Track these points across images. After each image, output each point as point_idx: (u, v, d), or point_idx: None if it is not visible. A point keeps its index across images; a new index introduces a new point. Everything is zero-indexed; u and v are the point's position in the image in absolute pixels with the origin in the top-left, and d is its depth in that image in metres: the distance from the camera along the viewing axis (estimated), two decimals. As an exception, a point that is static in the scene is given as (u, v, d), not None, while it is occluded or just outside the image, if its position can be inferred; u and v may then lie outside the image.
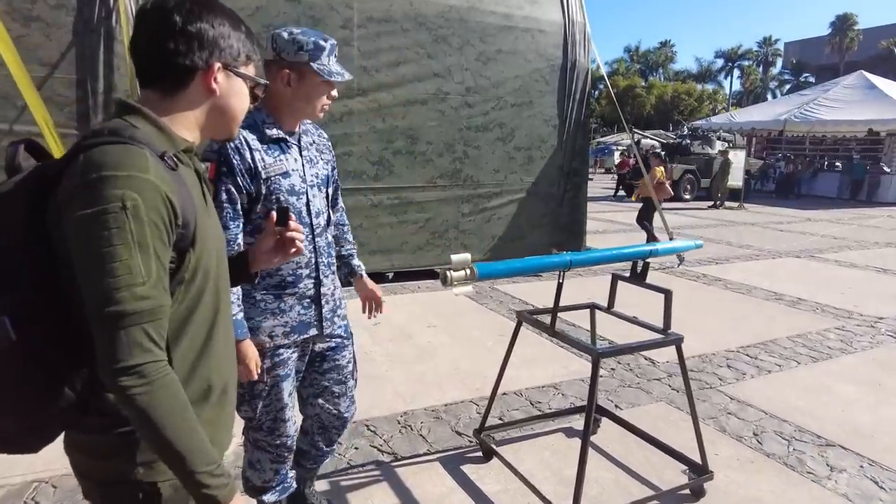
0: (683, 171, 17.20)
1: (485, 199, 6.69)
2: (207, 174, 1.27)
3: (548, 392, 3.63)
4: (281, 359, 1.87)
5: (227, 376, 1.14)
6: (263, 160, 1.72)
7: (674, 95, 48.49)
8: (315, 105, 1.77)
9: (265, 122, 1.76)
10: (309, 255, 1.85)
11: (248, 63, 1.10)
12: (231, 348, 1.18)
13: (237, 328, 1.67)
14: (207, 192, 1.14)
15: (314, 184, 1.86)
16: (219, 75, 1.05)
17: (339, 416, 2.11)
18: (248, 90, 1.12)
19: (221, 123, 1.11)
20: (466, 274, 2.12)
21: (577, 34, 6.98)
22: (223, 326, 1.12)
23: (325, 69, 1.73)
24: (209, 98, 1.06)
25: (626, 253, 2.52)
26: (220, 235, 1.16)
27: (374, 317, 2.18)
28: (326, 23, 5.63)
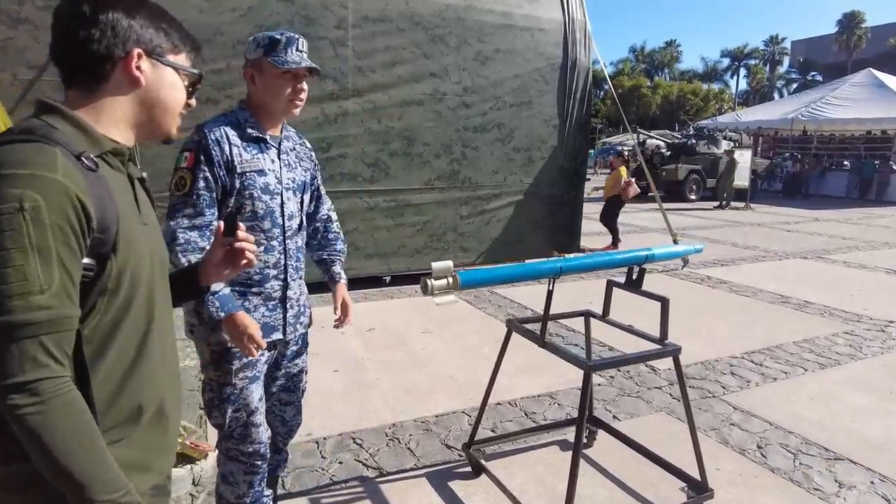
0: (689, 171, 17.01)
1: (483, 200, 6.56)
2: (143, 179, 1.15)
3: (543, 402, 3.50)
4: (251, 360, 1.82)
5: (163, 395, 1.06)
6: (241, 155, 1.74)
7: (679, 95, 48.17)
8: (281, 99, 1.77)
9: (247, 122, 1.79)
10: (278, 255, 1.83)
11: (177, 53, 1.05)
12: (172, 365, 1.11)
13: (226, 303, 1.65)
14: (144, 200, 1.07)
15: (290, 187, 1.85)
16: (142, 64, 0.99)
17: (285, 423, 2.10)
18: (181, 81, 1.06)
19: (154, 118, 1.04)
20: (448, 282, 2.00)
21: (577, 32, 6.85)
22: (160, 340, 1.05)
23: (279, 59, 1.73)
24: (134, 89, 1.00)
25: (619, 259, 2.39)
26: (158, 246, 1.09)
27: (340, 326, 2.10)
28: (321, 22, 5.53)
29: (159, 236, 1.13)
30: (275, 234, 1.81)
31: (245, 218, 1.74)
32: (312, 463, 2.77)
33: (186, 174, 1.68)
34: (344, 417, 3.24)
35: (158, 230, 1.13)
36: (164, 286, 1.10)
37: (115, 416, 0.96)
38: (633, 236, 10.42)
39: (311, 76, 1.82)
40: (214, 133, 1.71)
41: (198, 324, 1.79)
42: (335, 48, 5.61)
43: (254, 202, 1.75)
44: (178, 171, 1.70)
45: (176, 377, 1.14)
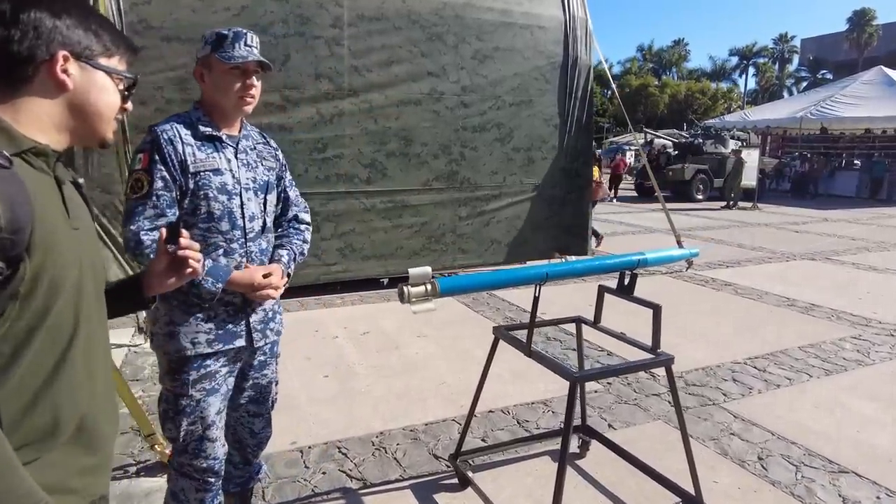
0: (695, 170, 16.84)
1: (483, 201, 6.45)
2: (79, 185, 1.09)
3: (537, 410, 3.39)
4: (209, 371, 1.74)
5: (86, 411, 0.97)
6: (194, 154, 1.69)
7: (687, 94, 47.85)
8: (231, 96, 1.70)
9: (200, 120, 1.74)
10: (239, 259, 1.76)
11: (110, 55, 1.01)
12: (103, 380, 1.02)
13: (219, 271, 1.65)
14: (79, 204, 1.01)
15: (249, 187, 1.78)
16: (70, 67, 0.95)
17: (253, 435, 2.01)
18: (113, 85, 1.02)
19: (86, 123, 1.00)
20: (427, 289, 1.91)
21: (578, 30, 6.72)
22: (86, 352, 0.97)
23: (226, 55, 1.68)
24: (61, 93, 0.95)
25: (609, 263, 2.29)
26: (92, 253, 1.03)
27: (270, 297, 1.79)
28: (316, 21, 5.44)
29: (94, 244, 1.06)
30: (235, 235, 1.74)
31: (201, 219, 1.69)
32: (295, 473, 2.69)
33: (143, 175, 1.62)
34: (331, 425, 3.16)
35: (95, 238, 1.07)
36: (96, 296, 1.03)
37: (28, 432, 0.89)
38: (638, 237, 10.30)
39: (262, 72, 1.75)
40: (167, 132, 1.66)
41: (157, 331, 1.72)
42: (331, 47, 5.52)
43: (209, 202, 1.69)
44: (134, 173, 1.64)
45: (109, 392, 1.07)
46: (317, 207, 5.60)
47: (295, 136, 5.45)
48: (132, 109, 1.10)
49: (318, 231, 5.67)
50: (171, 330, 1.70)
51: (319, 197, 5.61)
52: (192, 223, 1.67)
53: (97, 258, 1.06)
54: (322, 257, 5.69)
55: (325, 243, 5.69)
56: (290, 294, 5.57)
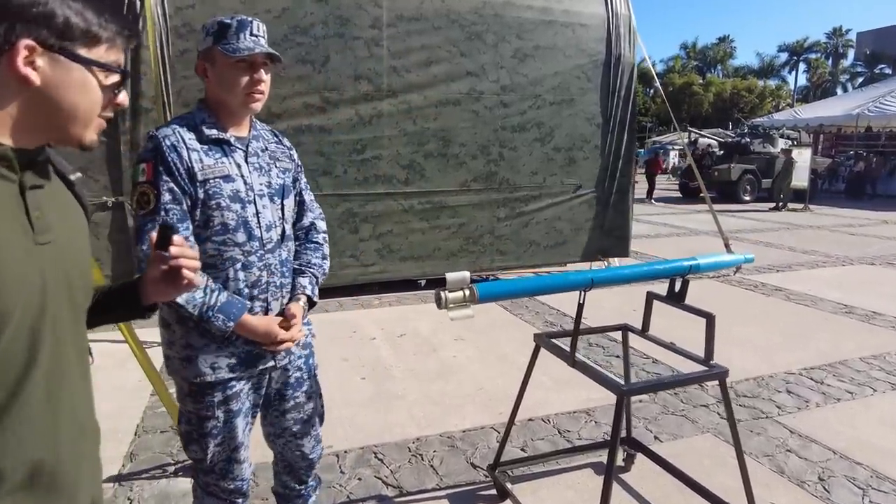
0: (742, 170, 16.29)
1: (522, 202, 6.34)
2: (70, 182, 0.97)
3: (579, 419, 3.27)
4: (233, 391, 1.64)
5: (44, 453, 0.82)
6: (202, 160, 1.54)
7: (733, 93, 46.34)
8: (237, 93, 1.56)
9: (205, 122, 1.59)
10: (258, 273, 1.62)
11: (93, 44, 0.81)
12: (75, 415, 0.87)
13: (231, 308, 1.52)
14: (65, 208, 0.89)
15: (264, 193, 1.63)
16: (38, 59, 0.77)
17: (305, 457, 1.88)
18: (95, 81, 0.83)
19: (57, 125, 0.83)
20: (465, 295, 1.83)
21: (621, 27, 6.54)
22: (48, 386, 0.82)
23: (230, 47, 1.52)
24: (26, 89, 0.78)
25: (659, 270, 2.17)
26: (67, 269, 0.87)
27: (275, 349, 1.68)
28: (355, 22, 5.44)
29: (76, 255, 0.91)
30: (252, 247, 1.59)
31: (215, 231, 1.55)
32: (331, 478, 2.65)
33: (148, 189, 1.48)
34: (367, 429, 3.12)
35: (78, 247, 0.92)
36: (73, 317, 0.88)
37: None
38: (683, 239, 9.98)
39: (272, 64, 1.60)
40: (169, 138, 1.51)
41: (172, 355, 1.62)
42: (370, 48, 5.51)
43: (222, 212, 1.54)
44: (138, 186, 1.50)
45: (85, 431, 0.91)
46: (355, 208, 5.60)
47: (334, 138, 5.46)
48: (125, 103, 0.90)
49: (356, 232, 5.68)
50: (188, 354, 1.58)
51: (358, 198, 5.61)
52: (206, 236, 1.55)
53: (77, 271, 0.90)
54: (360, 258, 5.69)
55: (363, 244, 5.68)
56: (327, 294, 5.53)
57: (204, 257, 1.53)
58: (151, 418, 3.19)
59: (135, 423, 3.13)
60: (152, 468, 2.72)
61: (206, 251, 1.54)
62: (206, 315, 1.50)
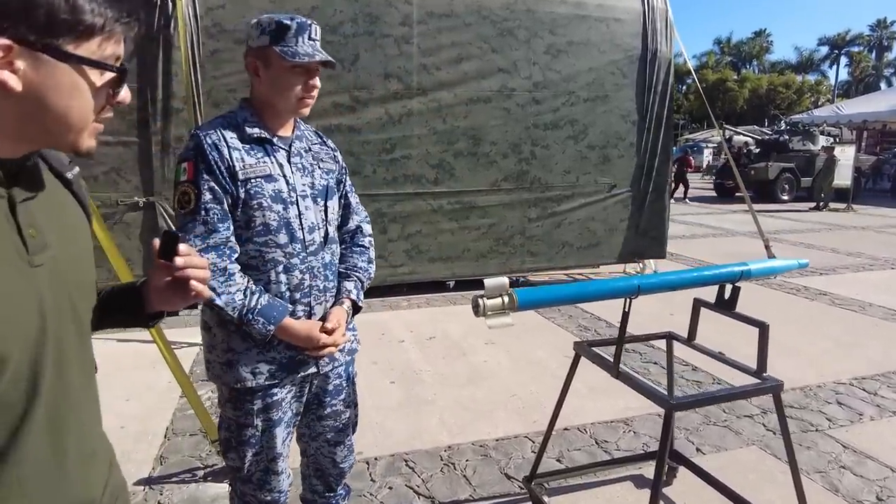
0: (780, 169, 15.79)
1: (554, 202, 6.20)
2: (67, 181, 0.88)
3: (617, 429, 3.15)
4: (274, 399, 1.59)
5: (49, 496, 0.75)
6: (243, 160, 1.49)
7: (769, 88, 45.14)
8: (289, 97, 1.51)
9: (247, 121, 1.54)
10: (300, 276, 1.56)
11: (85, 37, 0.70)
12: (80, 444, 0.80)
13: (272, 311, 1.48)
14: (45, 224, 0.77)
15: (307, 194, 1.58)
16: (18, 60, 0.66)
17: (335, 465, 1.83)
18: (87, 81, 0.71)
19: (42, 130, 0.72)
20: (504, 302, 1.74)
21: (657, 21, 6.35)
22: (50, 424, 0.74)
23: (288, 50, 1.46)
24: (6, 95, 0.67)
25: (709, 275, 2.04)
26: (69, 278, 0.79)
27: (317, 353, 1.61)
28: (385, 20, 5.39)
29: (78, 269, 0.82)
30: (295, 249, 1.55)
31: (257, 232, 1.50)
32: (361, 486, 2.58)
33: (189, 188, 1.45)
34: (397, 435, 3.04)
35: (80, 257, 0.84)
36: (75, 339, 0.80)
37: None
38: (720, 240, 9.69)
39: (325, 68, 1.55)
40: (210, 137, 1.48)
41: (213, 360, 1.58)
42: (400, 46, 5.44)
43: (264, 213, 1.50)
44: (179, 185, 1.48)
45: (96, 454, 0.84)
46: (384, 208, 5.55)
47: (364, 137, 5.42)
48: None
49: (384, 232, 5.63)
50: (229, 359, 1.54)
51: (387, 198, 5.55)
52: (247, 237, 1.51)
53: (81, 286, 0.82)
54: (388, 259, 5.63)
55: (391, 245, 5.63)
56: (356, 296, 5.45)
57: (245, 258, 1.51)
58: (181, 420, 3.17)
59: (164, 425, 3.11)
60: (182, 472, 2.69)
61: (247, 252, 1.52)
62: (245, 318, 1.46)
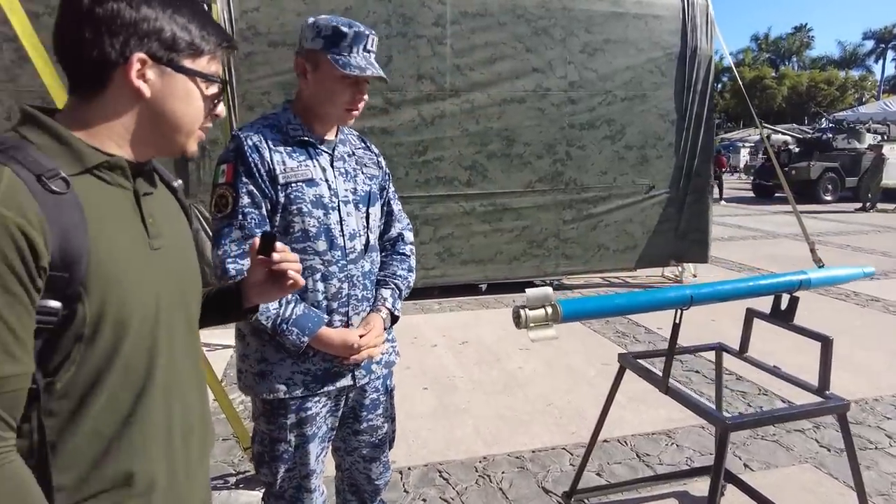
0: (823, 168, 15.23)
1: (590, 204, 6.06)
2: (174, 189, 0.99)
3: (659, 441, 3.02)
4: (308, 414, 1.53)
5: (162, 465, 0.86)
6: (284, 163, 1.45)
7: (810, 85, 43.70)
8: (336, 105, 1.46)
9: (290, 123, 1.50)
10: (338, 284, 1.51)
11: (197, 55, 0.85)
12: (184, 429, 0.90)
13: (306, 322, 1.43)
14: (171, 215, 0.93)
15: (349, 199, 1.53)
16: (148, 71, 0.80)
17: (370, 482, 1.75)
18: (198, 91, 0.86)
19: (163, 135, 0.86)
20: (547, 313, 1.65)
21: (698, 18, 6.15)
22: (162, 399, 0.86)
23: (340, 59, 1.40)
24: (137, 101, 0.82)
25: (765, 285, 1.91)
26: (179, 274, 0.91)
27: (347, 360, 1.52)
28: (418, 20, 5.34)
29: (186, 260, 0.95)
30: (334, 257, 1.49)
31: (295, 238, 1.45)
32: (394, 497, 2.52)
33: (227, 190, 1.41)
34: (431, 445, 2.97)
35: (187, 253, 0.96)
36: (187, 324, 0.93)
37: (101, 483, 0.80)
38: (761, 242, 9.37)
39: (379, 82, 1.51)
40: (252, 138, 1.44)
41: (246, 369, 1.54)
42: (433, 47, 5.38)
43: (303, 218, 1.45)
44: (217, 188, 1.44)
45: (194, 439, 0.94)
46: (416, 211, 5.50)
47: (396, 139, 5.38)
48: (224, 115, 0.94)
49: (416, 235, 5.56)
50: (262, 369, 1.50)
51: (419, 200, 5.50)
52: (286, 243, 1.41)
53: (188, 276, 0.94)
54: (420, 261, 5.58)
55: (423, 247, 5.57)
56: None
57: None
58: (214, 424, 3.16)
59: (199, 428, 3.11)
60: (214, 478, 2.67)
61: None
62: (279, 328, 1.41)
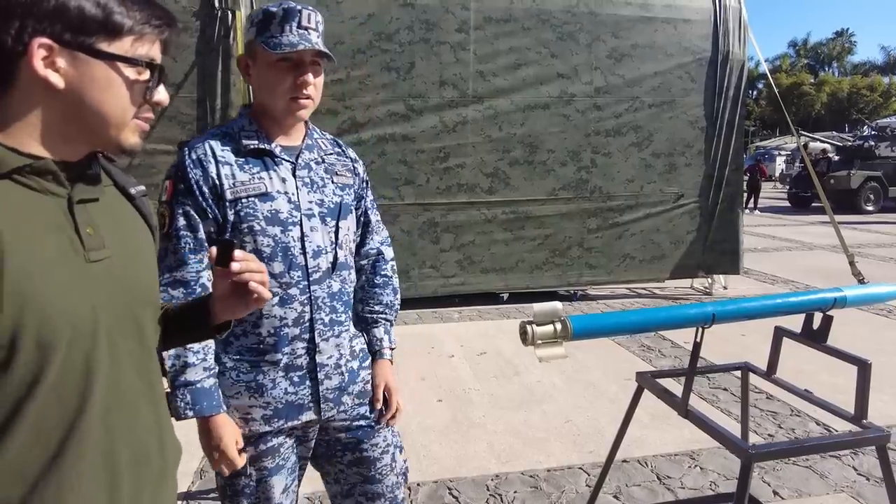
0: (865, 177, 14.69)
1: (616, 212, 5.91)
2: (130, 196, 0.90)
3: (681, 463, 2.87)
4: (269, 446, 1.37)
5: (103, 495, 0.76)
6: (233, 177, 1.30)
7: (851, 92, 42.44)
8: (278, 95, 1.30)
9: (244, 130, 1.35)
10: (300, 308, 1.34)
11: (116, 36, 0.73)
12: (133, 450, 0.80)
13: (204, 399, 1.26)
14: (105, 229, 0.79)
15: (313, 213, 1.36)
16: (58, 59, 0.70)
17: None
18: (122, 78, 0.74)
19: (87, 129, 0.75)
20: (556, 330, 1.55)
21: (730, 22, 5.96)
22: (101, 421, 0.75)
23: (271, 41, 1.26)
24: (53, 94, 0.71)
25: (795, 303, 1.77)
26: (127, 283, 0.81)
27: (388, 421, 1.49)
28: (442, 27, 5.29)
29: (137, 272, 0.84)
30: (293, 278, 1.32)
31: None
32: (401, 515, 2.43)
33: (165, 210, 1.28)
34: (443, 460, 2.88)
35: (139, 263, 0.86)
36: (133, 340, 0.82)
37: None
38: (797, 254, 9.04)
39: (323, 61, 1.33)
40: (196, 151, 1.29)
41: None
42: (456, 53, 5.33)
43: (255, 237, 1.29)
44: (159, 206, 1.30)
45: (150, 460, 0.83)
46: (437, 218, 5.44)
47: (418, 146, 5.33)
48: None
49: (437, 242, 5.51)
50: None
51: (439, 207, 5.44)
52: None
53: (140, 288, 0.84)
54: (440, 269, 5.51)
55: (444, 255, 5.50)
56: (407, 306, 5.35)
57: None
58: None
59: (209, 436, 3.08)
60: (205, 491, 2.62)
61: None
62: (175, 383, 1.25)
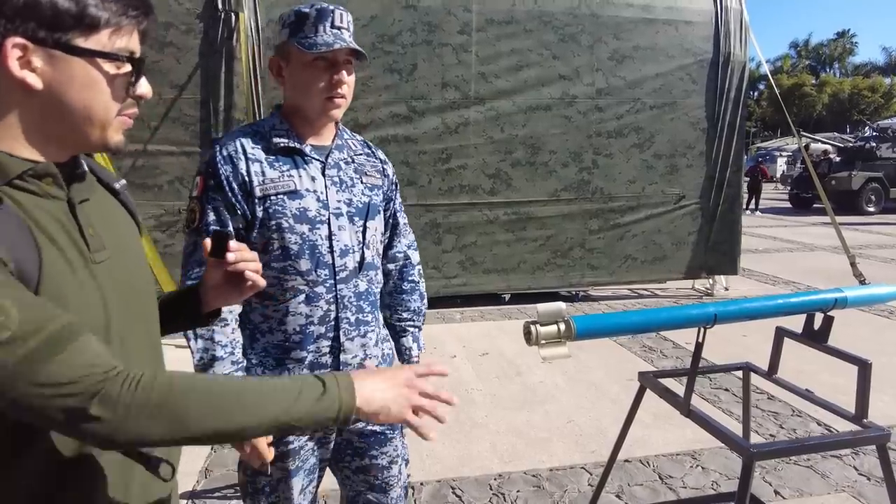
0: (866, 178, 14.70)
1: (617, 213, 5.93)
2: (115, 191, 0.90)
3: (683, 463, 2.88)
4: (292, 447, 1.39)
5: (117, 480, 0.79)
6: (263, 174, 1.31)
7: (853, 92, 42.41)
8: (313, 96, 1.32)
9: (274, 129, 1.36)
10: (326, 307, 1.35)
11: (92, 30, 0.71)
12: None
13: None
14: (100, 227, 0.79)
15: (341, 212, 1.38)
16: (34, 58, 0.69)
17: None
18: (102, 74, 0.73)
19: (70, 129, 0.74)
20: (559, 330, 1.56)
21: (731, 23, 5.98)
22: None
23: (306, 41, 1.27)
24: (32, 95, 0.70)
25: (796, 303, 1.79)
26: (127, 278, 0.82)
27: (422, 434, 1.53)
28: (444, 28, 5.31)
29: (135, 266, 0.86)
30: (320, 276, 1.34)
31: (274, 257, 1.32)
32: (405, 514, 2.45)
33: (195, 205, 1.30)
34: (445, 460, 2.90)
35: (135, 258, 0.87)
36: (142, 331, 0.85)
37: None
38: (798, 255, 9.05)
39: (357, 61, 1.35)
40: (227, 148, 1.31)
41: None
42: (458, 54, 5.35)
43: (283, 235, 1.30)
44: (190, 201, 1.33)
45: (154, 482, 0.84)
46: (439, 219, 5.46)
47: (420, 147, 5.35)
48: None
49: (439, 243, 5.53)
50: None
51: (441, 208, 5.46)
52: (265, 262, 1.28)
53: (139, 285, 0.86)
54: (442, 270, 5.53)
55: (446, 255, 5.52)
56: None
57: None
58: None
59: (213, 436, 3.10)
60: (225, 487, 2.65)
61: (265, 278, 1.35)
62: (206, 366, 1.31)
